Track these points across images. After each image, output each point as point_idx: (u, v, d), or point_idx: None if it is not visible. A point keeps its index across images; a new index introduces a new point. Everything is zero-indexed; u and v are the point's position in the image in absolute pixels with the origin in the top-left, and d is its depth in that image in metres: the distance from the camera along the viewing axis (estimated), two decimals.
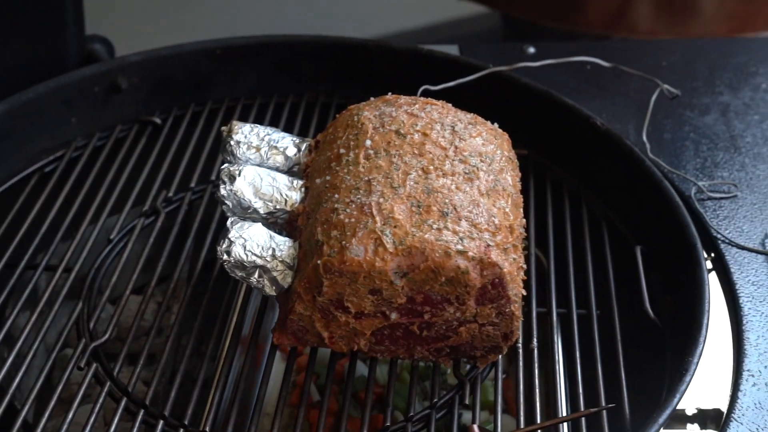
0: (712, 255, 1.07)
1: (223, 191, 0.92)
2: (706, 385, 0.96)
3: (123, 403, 0.88)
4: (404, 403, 0.98)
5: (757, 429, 0.88)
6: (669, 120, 1.27)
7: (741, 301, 1.01)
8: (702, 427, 0.95)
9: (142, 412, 0.88)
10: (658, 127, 1.25)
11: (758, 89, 1.33)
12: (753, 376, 0.93)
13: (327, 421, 1.01)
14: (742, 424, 0.89)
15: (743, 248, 1.07)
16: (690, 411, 0.97)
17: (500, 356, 0.92)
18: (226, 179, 0.92)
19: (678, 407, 0.94)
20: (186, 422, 0.88)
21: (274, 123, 1.23)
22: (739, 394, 0.91)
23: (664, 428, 0.93)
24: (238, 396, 0.90)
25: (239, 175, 0.92)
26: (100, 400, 0.88)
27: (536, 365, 0.94)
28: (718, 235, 1.09)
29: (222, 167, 0.94)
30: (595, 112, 1.19)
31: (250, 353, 0.93)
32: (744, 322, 0.99)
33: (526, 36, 1.93)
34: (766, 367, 0.94)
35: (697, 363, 0.88)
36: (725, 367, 0.96)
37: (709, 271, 1.05)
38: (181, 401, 0.91)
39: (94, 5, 1.39)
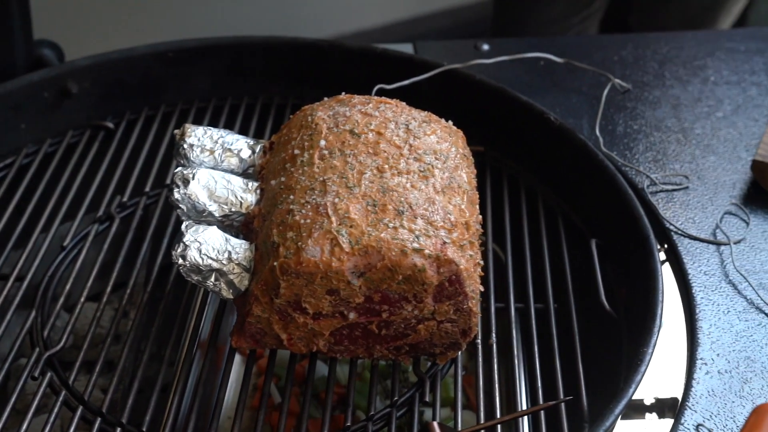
0: (665, 246, 1.09)
1: (177, 195, 0.91)
2: (662, 375, 0.97)
3: (79, 411, 0.87)
4: (366, 403, 0.98)
5: (711, 416, 0.90)
6: (621, 114, 1.28)
7: (694, 291, 1.03)
8: (660, 415, 0.97)
9: (99, 420, 0.87)
10: (610, 121, 1.27)
11: (707, 82, 1.35)
12: (706, 364, 0.95)
13: (288, 423, 1.00)
14: (696, 411, 0.90)
15: (695, 238, 1.09)
16: (648, 400, 0.98)
17: (460, 353, 0.93)
18: (179, 183, 0.91)
19: (636, 397, 0.96)
20: (144, 429, 0.87)
21: (229, 125, 1.22)
22: (693, 383, 0.93)
23: (622, 418, 0.95)
24: (197, 401, 0.89)
25: (193, 178, 0.91)
26: (56, 410, 0.86)
27: (495, 360, 0.94)
28: (671, 227, 1.10)
29: (175, 171, 0.93)
30: (549, 108, 1.20)
31: (209, 357, 0.93)
32: (697, 311, 1.00)
33: (517, 31, 1.95)
34: (718, 355, 0.96)
35: (652, 353, 0.89)
36: (680, 356, 0.98)
37: (663, 262, 1.06)
38: (140, 408, 0.90)
39: (42, 10, 1.36)
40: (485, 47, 1.39)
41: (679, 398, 0.93)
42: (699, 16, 1.92)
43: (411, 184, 0.87)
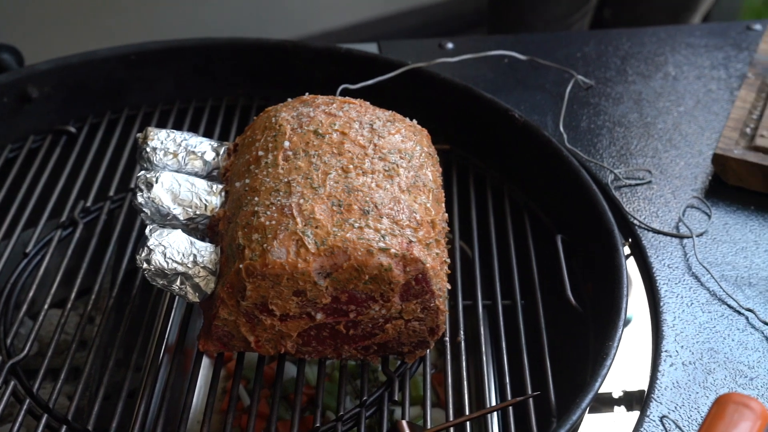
0: (630, 240, 1.10)
1: (140, 199, 0.90)
2: (629, 368, 0.98)
3: (44, 420, 0.86)
4: (335, 403, 0.98)
5: (676, 407, 0.91)
6: (585, 110, 1.29)
7: (658, 284, 1.04)
8: (628, 408, 0.98)
9: (64, 427, 0.86)
10: (574, 118, 1.28)
11: (668, 77, 1.37)
12: (671, 356, 0.96)
13: (257, 425, 1.00)
14: (661, 403, 0.91)
15: (658, 232, 1.10)
16: (616, 393, 0.99)
17: (428, 351, 0.93)
18: (143, 187, 0.91)
19: (604, 390, 0.97)
20: None
21: (193, 128, 1.22)
22: (658, 375, 0.94)
23: (590, 412, 0.96)
24: (165, 405, 0.88)
25: (156, 181, 0.91)
26: (20, 419, 0.85)
27: (464, 358, 0.95)
28: (635, 221, 1.12)
29: (138, 175, 0.92)
30: (514, 105, 1.21)
31: (177, 361, 0.92)
32: (661, 304, 1.02)
33: (511, 29, 1.95)
34: (682, 347, 0.97)
35: (617, 347, 0.90)
36: (645, 348, 0.99)
37: (627, 256, 1.08)
38: (107, 414, 0.89)
39: (0, 14, 1.35)
40: (449, 46, 1.39)
41: (646, 390, 0.94)
42: (672, 9, 1.94)
43: (376, 184, 0.87)
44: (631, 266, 1.07)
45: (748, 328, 1.00)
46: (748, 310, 1.01)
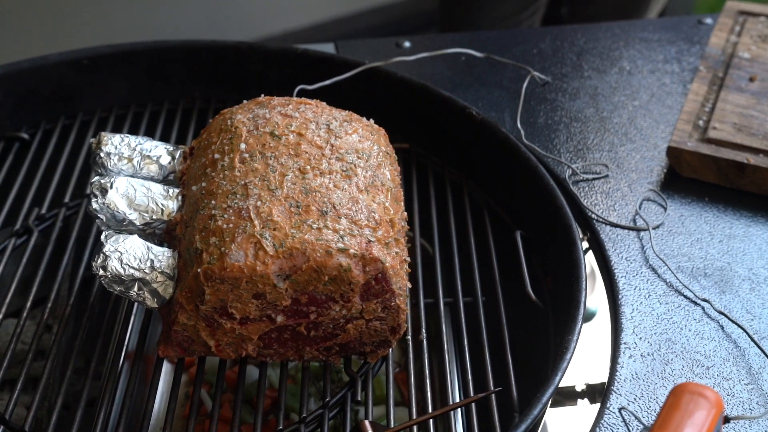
0: (588, 234, 1.12)
1: (95, 205, 0.89)
2: (590, 361, 1.00)
3: (0, 430, 0.85)
4: (298, 405, 0.98)
5: (635, 398, 0.92)
6: (542, 106, 1.31)
7: (616, 277, 1.05)
8: (591, 401, 0.99)
9: None
10: (532, 114, 1.29)
11: (623, 71, 1.39)
12: (629, 348, 0.98)
13: (220, 430, 1.00)
14: (621, 395, 0.93)
15: (616, 225, 1.12)
16: (579, 387, 1.00)
17: (391, 350, 0.93)
18: (97, 192, 0.90)
19: (566, 384, 0.99)
20: None
21: (150, 132, 1.21)
22: (618, 367, 0.95)
23: (552, 406, 0.97)
24: (126, 413, 0.87)
25: (111, 187, 0.90)
26: None
27: (427, 356, 0.95)
28: (592, 215, 1.13)
29: (93, 180, 0.91)
30: (471, 102, 1.22)
31: (137, 368, 0.91)
32: (620, 296, 1.03)
33: (460, 27, 1.96)
34: (641, 338, 0.99)
35: (577, 340, 0.91)
36: (604, 341, 1.00)
37: (586, 250, 1.09)
38: (66, 423, 0.88)
39: None
40: (407, 44, 1.40)
41: (606, 383, 0.95)
42: (628, 5, 1.97)
43: (334, 184, 0.88)
44: (589, 260, 1.09)
45: (704, 318, 1.02)
46: (704, 300, 1.03)
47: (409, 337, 0.96)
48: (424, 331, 0.97)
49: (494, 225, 1.12)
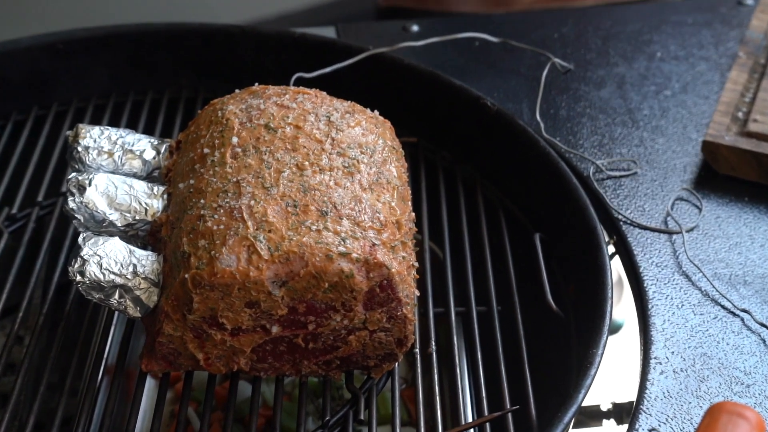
0: (614, 238, 1.12)
1: (72, 204, 0.90)
2: (617, 377, 1.00)
3: None
4: (295, 424, 0.98)
5: (667, 419, 0.93)
6: (563, 96, 1.31)
7: (645, 285, 1.06)
8: (618, 422, 1.00)
9: None
10: (552, 105, 1.29)
11: (653, 58, 1.39)
12: (660, 363, 0.98)
13: None
14: (651, 415, 0.93)
15: (645, 228, 1.12)
16: (604, 406, 1.01)
17: (397, 364, 0.94)
18: (74, 190, 0.90)
19: (590, 402, 0.99)
20: None
21: (131, 124, 1.21)
22: (648, 384, 0.96)
23: (575, 426, 0.98)
24: None
25: (89, 184, 0.91)
26: None
27: (436, 370, 0.96)
28: (619, 216, 1.13)
29: (69, 177, 0.92)
30: (486, 92, 1.22)
31: (118, 384, 0.92)
32: (649, 306, 1.03)
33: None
34: (673, 352, 0.99)
35: (602, 354, 0.91)
36: (633, 355, 1.00)
37: (612, 255, 1.09)
38: None
39: None
40: (414, 28, 1.40)
41: (634, 402, 0.96)
42: None
43: (335, 182, 0.88)
44: (615, 266, 1.09)
45: (744, 330, 1.02)
46: (744, 311, 1.03)
47: (417, 350, 0.97)
48: (433, 343, 0.98)
49: (510, 227, 1.12)
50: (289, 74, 1.17)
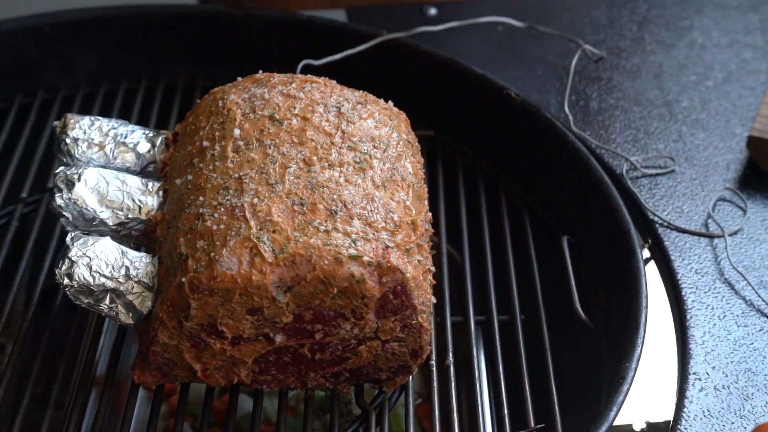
0: (650, 241, 1.12)
1: (59, 201, 0.91)
2: (651, 393, 1.00)
3: None
4: None
5: None
6: (594, 86, 1.31)
7: (684, 293, 1.06)
8: None
9: None
10: (582, 96, 1.29)
11: (694, 45, 1.39)
12: (700, 379, 0.98)
13: None
14: None
15: (684, 231, 1.12)
16: (637, 425, 1.01)
17: (411, 377, 0.94)
18: (62, 186, 0.91)
19: (621, 421, 0.99)
20: None
21: (124, 114, 1.22)
22: (686, 402, 0.95)
23: None
24: None
25: (79, 179, 0.91)
26: None
27: (454, 385, 0.96)
28: (656, 218, 1.13)
29: (57, 171, 0.92)
30: (510, 82, 1.22)
31: (107, 397, 0.93)
32: (688, 317, 1.03)
33: None
34: (714, 368, 0.99)
35: (636, 369, 0.91)
36: (669, 370, 1.00)
37: (647, 260, 1.09)
38: None
39: None
40: (432, 12, 1.40)
41: (671, 421, 0.96)
42: None
43: (345, 179, 0.89)
44: (651, 272, 1.09)
45: None
46: None
47: (433, 362, 0.97)
48: (450, 355, 0.98)
49: (536, 229, 1.12)
50: (296, 61, 1.17)
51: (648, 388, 0.99)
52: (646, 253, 1.11)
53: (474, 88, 1.20)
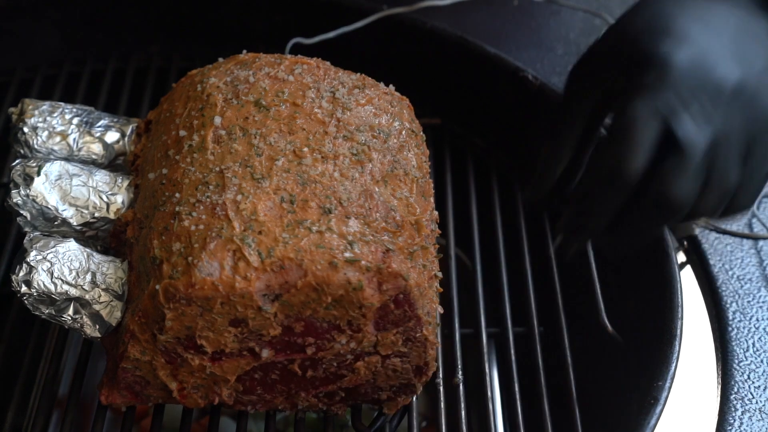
0: (685, 243, 1.12)
1: (16, 198, 0.91)
2: (688, 416, 1.00)
3: None
4: None
5: None
6: None
7: (724, 302, 1.06)
8: None
9: None
10: None
11: None
12: (743, 401, 0.98)
13: None
14: None
15: (724, 232, 1.12)
16: None
17: (415, 397, 0.94)
18: (20, 181, 0.91)
19: None
20: None
21: (90, 100, 1.22)
22: (727, 427, 0.96)
23: None
24: None
25: (38, 174, 0.91)
26: None
27: (463, 405, 0.96)
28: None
29: (13, 164, 0.92)
30: (527, 63, 1.22)
31: (70, 420, 0.93)
32: (729, 330, 1.03)
33: None
34: (758, 387, 0.99)
35: (670, 388, 0.92)
36: (708, 389, 1.01)
37: (682, 265, 1.09)
38: None
39: None
40: None
41: None
42: None
43: (340, 173, 0.89)
44: (687, 278, 1.09)
45: None
46: None
47: (440, 380, 0.97)
48: (460, 372, 0.98)
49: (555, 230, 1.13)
50: (285, 40, 1.18)
51: (683, 410, 0.99)
52: (681, 257, 1.11)
53: (486, 70, 1.20)
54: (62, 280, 0.87)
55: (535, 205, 1.12)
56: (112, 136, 0.98)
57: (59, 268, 0.87)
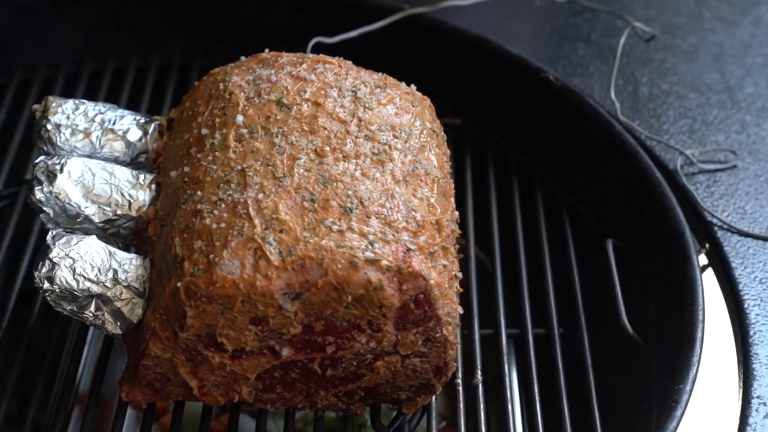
0: (707, 246, 1.12)
1: (39, 195, 0.91)
2: (710, 419, 1.00)
3: None
4: None
5: None
6: (645, 69, 1.31)
7: (746, 305, 1.05)
8: None
9: None
10: (630, 80, 1.29)
11: (760, 22, 1.38)
12: (765, 404, 0.98)
13: None
14: None
15: (747, 235, 1.12)
16: None
17: (434, 397, 0.94)
18: (43, 178, 0.92)
19: None
20: None
21: (112, 98, 1.23)
22: (748, 430, 0.95)
23: None
24: None
25: (61, 171, 0.92)
26: None
27: (483, 406, 0.96)
28: (714, 220, 1.13)
29: (37, 161, 0.93)
30: (548, 64, 1.22)
31: (90, 416, 0.93)
32: (751, 332, 1.03)
33: None
34: None
35: (691, 391, 0.91)
36: (730, 393, 1.00)
37: (704, 267, 1.09)
38: None
39: None
40: None
41: None
42: None
43: (361, 172, 0.89)
44: (709, 281, 1.09)
45: None
46: None
47: (460, 380, 0.97)
48: (479, 372, 0.98)
49: (577, 231, 1.12)
50: (307, 39, 1.18)
51: (705, 413, 0.99)
52: (703, 260, 1.11)
53: (507, 70, 1.20)
54: (84, 276, 0.87)
55: None
56: (134, 134, 0.98)
57: (81, 265, 0.88)
